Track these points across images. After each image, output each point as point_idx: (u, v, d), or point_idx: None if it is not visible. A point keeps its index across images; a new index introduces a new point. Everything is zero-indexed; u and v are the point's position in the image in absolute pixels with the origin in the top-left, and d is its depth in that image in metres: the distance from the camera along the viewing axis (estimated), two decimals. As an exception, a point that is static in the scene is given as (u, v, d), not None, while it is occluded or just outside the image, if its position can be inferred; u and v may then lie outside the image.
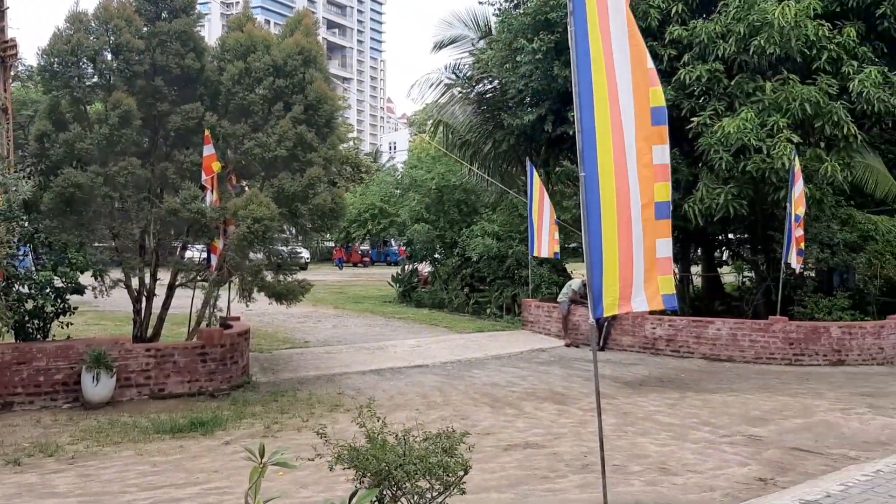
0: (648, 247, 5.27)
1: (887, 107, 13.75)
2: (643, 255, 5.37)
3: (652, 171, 5.27)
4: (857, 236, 14.73)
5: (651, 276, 5.31)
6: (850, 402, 10.09)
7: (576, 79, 5.40)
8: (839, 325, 13.45)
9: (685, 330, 14.31)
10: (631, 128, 5.37)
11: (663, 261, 5.33)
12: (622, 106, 5.40)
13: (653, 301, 5.32)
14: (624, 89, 5.41)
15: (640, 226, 5.38)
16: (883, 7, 14.19)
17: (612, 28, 5.44)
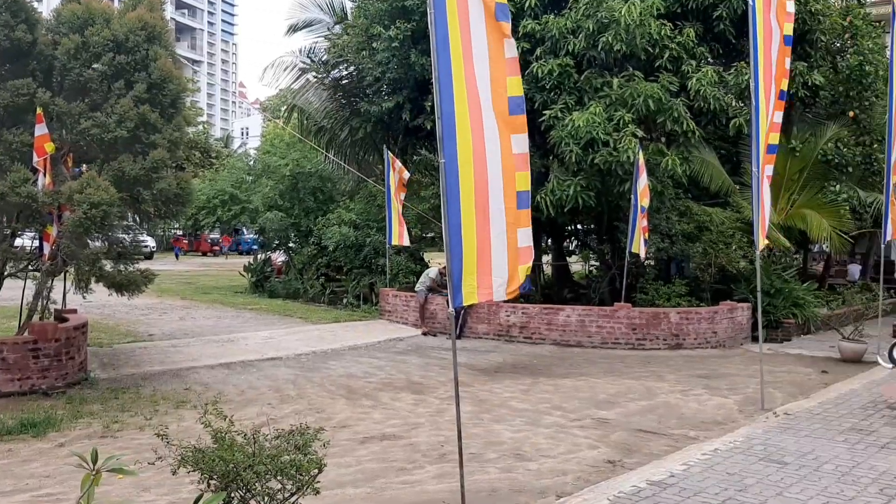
0: (510, 236, 5.27)
1: (721, 105, 14.62)
2: (504, 244, 5.37)
3: (513, 161, 5.26)
4: (694, 227, 15.60)
5: (513, 266, 5.32)
6: (688, 383, 10.67)
7: (435, 63, 5.30)
8: (677, 311, 14.22)
9: (537, 317, 14.68)
10: (490, 116, 5.34)
11: (524, 250, 5.36)
12: (481, 94, 5.36)
13: (512, 290, 5.33)
14: (482, 77, 5.37)
15: (501, 215, 5.37)
16: (719, 10, 15.07)
17: (471, 17, 5.39)
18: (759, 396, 9.27)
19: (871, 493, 5.72)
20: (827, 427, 7.73)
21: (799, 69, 15.24)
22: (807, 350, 13.71)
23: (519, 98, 5.30)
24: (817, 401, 9.09)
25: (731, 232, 15.44)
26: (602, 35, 14.13)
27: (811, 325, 15.70)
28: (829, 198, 16.87)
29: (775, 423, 7.95)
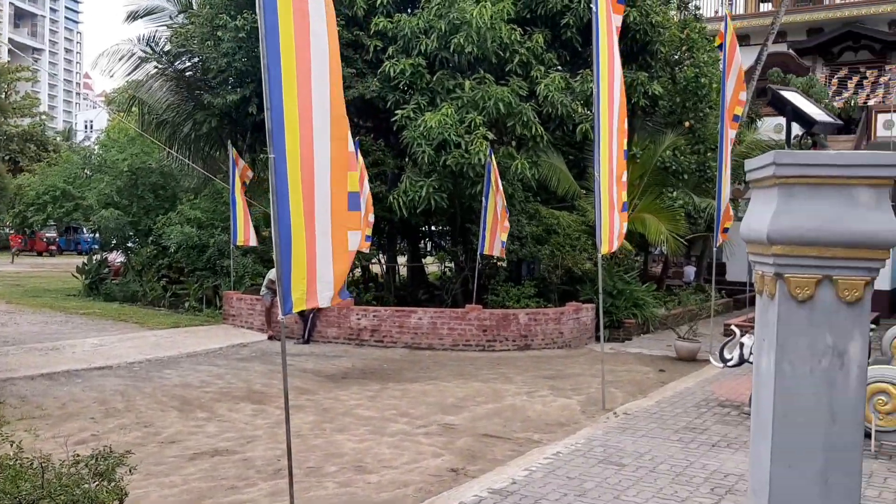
0: (340, 239, 4.97)
1: (568, 111, 14.94)
2: (331, 247, 5.06)
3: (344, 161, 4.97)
4: (543, 230, 15.89)
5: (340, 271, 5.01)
6: (534, 384, 10.74)
7: (264, 51, 4.93)
8: (526, 312, 14.40)
9: (389, 320, 14.44)
10: (323, 114, 5.01)
11: (351, 254, 5.07)
12: (315, 91, 5.03)
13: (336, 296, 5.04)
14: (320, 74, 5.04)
15: (327, 216, 5.06)
16: (566, 18, 15.41)
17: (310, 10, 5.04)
18: (601, 396, 9.43)
19: (703, 492, 5.84)
20: (663, 426, 7.92)
21: (640, 79, 15.83)
22: (646, 349, 14.24)
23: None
24: (655, 399, 9.36)
25: (578, 235, 15.84)
26: (454, 36, 14.09)
27: (650, 325, 16.36)
28: (667, 203, 17.68)
29: (615, 424, 8.07)
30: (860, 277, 2.55)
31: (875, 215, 2.54)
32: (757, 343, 2.77)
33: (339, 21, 15.31)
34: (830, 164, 2.54)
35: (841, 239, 2.54)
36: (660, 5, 16.57)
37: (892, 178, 2.51)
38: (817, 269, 2.58)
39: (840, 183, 2.55)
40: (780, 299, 2.63)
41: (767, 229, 2.59)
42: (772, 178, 2.64)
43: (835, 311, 2.57)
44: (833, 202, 2.56)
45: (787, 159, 2.58)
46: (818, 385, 2.55)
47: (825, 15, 28.71)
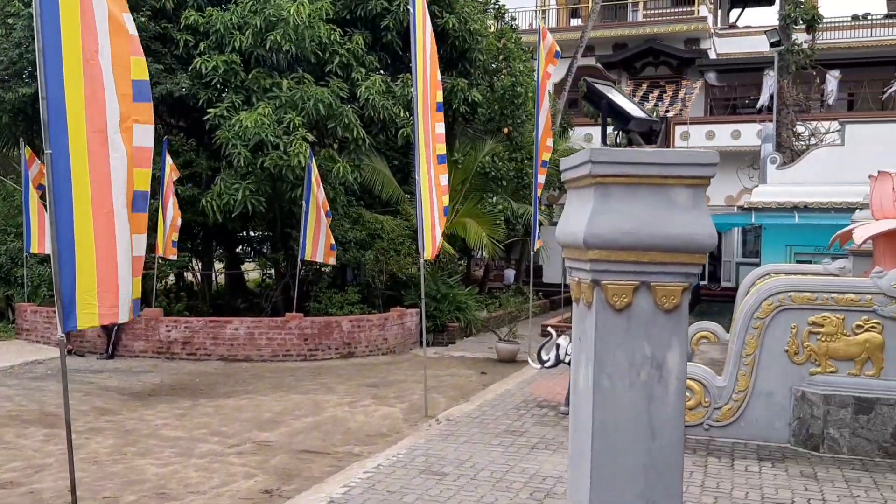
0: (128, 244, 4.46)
1: (390, 114, 14.82)
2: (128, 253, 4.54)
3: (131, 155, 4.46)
4: (367, 234, 15.67)
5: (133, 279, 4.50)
6: (357, 394, 10.47)
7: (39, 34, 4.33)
8: (349, 319, 14.10)
9: (203, 331, 13.63)
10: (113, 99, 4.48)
11: (137, 260, 4.57)
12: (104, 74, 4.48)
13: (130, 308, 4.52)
14: (104, 55, 4.50)
15: (125, 219, 4.53)
16: (387, 20, 15.29)
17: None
18: (424, 403, 9.31)
19: (523, 497, 5.81)
20: (484, 431, 7.90)
21: (460, 85, 16.01)
22: (469, 352, 14.37)
23: (144, 82, 4.52)
24: (476, 403, 9.37)
25: (402, 239, 15.75)
26: (270, 33, 13.55)
27: (473, 328, 16.56)
28: (487, 208, 18.02)
29: (437, 431, 7.96)
30: (678, 283, 2.46)
31: (692, 217, 2.44)
32: (574, 355, 2.64)
33: (146, 12, 14.35)
34: (648, 162, 2.42)
35: (658, 243, 2.43)
36: (478, 13, 16.86)
37: (709, 177, 2.45)
38: (635, 276, 2.46)
39: (657, 183, 2.43)
40: (598, 308, 2.49)
41: (584, 233, 2.45)
42: (588, 178, 2.49)
43: (653, 320, 2.46)
44: (650, 203, 2.43)
45: (604, 157, 2.44)
46: (637, 400, 2.44)
47: (629, 31, 30.59)
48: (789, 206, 16.01)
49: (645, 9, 31.62)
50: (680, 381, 2.48)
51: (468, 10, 16.07)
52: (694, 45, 30.30)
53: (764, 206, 16.34)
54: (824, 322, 7.04)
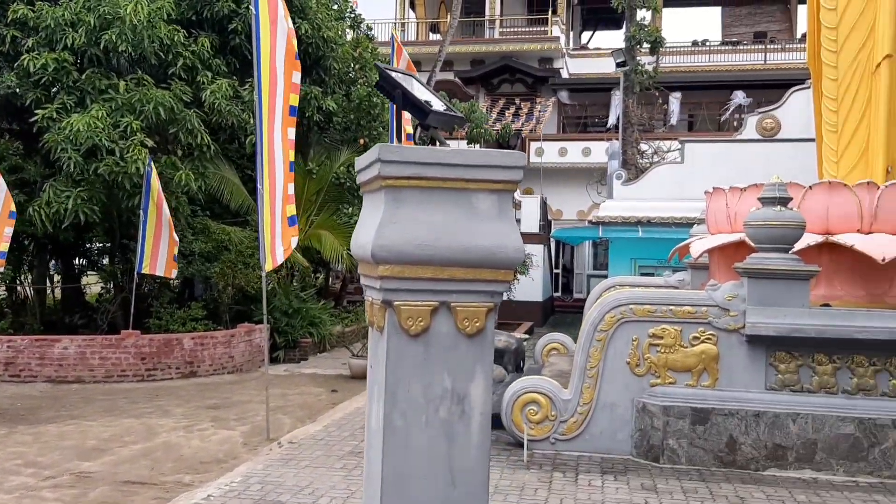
0: None
1: (239, 121, 14.19)
2: None
3: None
4: (213, 246, 14.91)
5: None
6: (196, 416, 9.82)
7: None
8: (192, 336, 13.32)
9: (28, 351, 12.46)
10: None
11: None
12: None
13: None
14: None
15: None
16: (234, 23, 14.67)
17: None
18: (266, 425, 8.83)
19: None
20: (329, 454, 7.54)
21: (314, 93, 15.59)
22: (321, 369, 13.92)
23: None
24: (323, 424, 8.97)
25: (251, 251, 15.08)
26: (105, 32, 12.64)
27: (327, 344, 16.11)
28: (343, 219, 17.64)
29: (278, 455, 7.52)
30: (482, 304, 2.18)
31: (497, 227, 2.17)
32: (368, 388, 2.35)
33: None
34: (446, 162, 2.13)
35: (459, 256, 2.13)
36: (333, 21, 16.52)
37: (516, 181, 2.21)
38: (432, 295, 2.16)
39: (458, 187, 2.15)
40: (390, 333, 2.17)
41: (372, 244, 2.13)
42: (378, 180, 2.18)
43: (454, 347, 2.16)
44: (450, 211, 2.15)
45: (394, 155, 2.14)
46: (435, 441, 2.12)
47: (486, 48, 31.14)
48: (634, 221, 16.62)
49: (501, 26, 32.32)
50: (485, 417, 2.21)
51: (322, 17, 15.70)
52: (547, 65, 31.22)
53: (611, 220, 16.88)
54: (664, 334, 7.18)
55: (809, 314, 6.87)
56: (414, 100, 2.45)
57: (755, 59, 32.11)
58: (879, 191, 7.61)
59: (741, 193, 8.52)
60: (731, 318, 7.05)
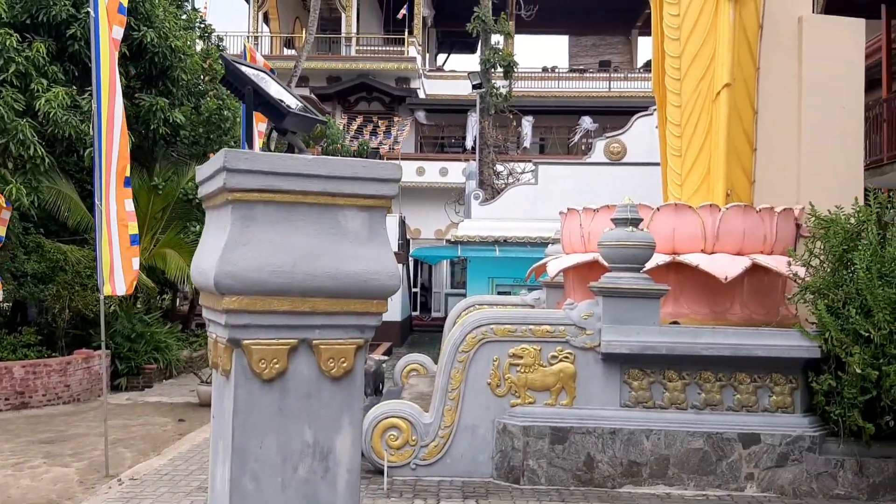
0: None
1: (78, 132, 13.23)
2: None
3: None
4: (48, 266, 13.78)
5: None
6: (26, 453, 8.94)
7: None
8: (23, 364, 12.19)
9: None
10: None
11: None
12: None
13: None
14: None
15: None
16: (73, 28, 13.70)
17: None
18: (105, 460, 8.14)
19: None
20: (174, 490, 7.02)
21: (160, 105, 14.80)
22: (167, 397, 13.11)
23: None
24: (168, 457, 8.38)
25: (90, 272, 14.04)
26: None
27: (174, 369, 15.24)
28: (191, 238, 16.82)
29: (118, 494, 6.92)
30: (351, 340, 1.85)
31: (369, 250, 1.86)
32: (212, 444, 2.00)
33: None
34: (307, 173, 1.81)
35: (323, 285, 1.80)
36: (181, 30, 15.79)
37: (390, 196, 1.96)
38: (290, 331, 1.80)
39: (322, 202, 1.83)
40: (239, 378, 1.79)
41: (215, 270, 1.78)
42: (223, 193, 1.85)
43: (316, 393, 1.81)
44: (312, 231, 1.81)
45: (243, 163, 1.81)
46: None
47: (343, 65, 30.90)
48: (491, 240, 16.85)
49: (358, 44, 32.20)
50: (353, 475, 1.89)
51: (169, 26, 14.95)
52: (405, 84, 31.38)
53: (468, 239, 17.04)
54: (523, 353, 7.20)
55: (660, 332, 7.10)
56: (269, 98, 2.17)
57: (601, 86, 33.67)
58: (721, 213, 8.01)
59: (594, 214, 8.74)
60: (587, 336, 7.16)
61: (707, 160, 8.86)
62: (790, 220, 8.45)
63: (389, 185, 1.98)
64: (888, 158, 13.67)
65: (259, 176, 1.85)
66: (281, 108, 2.17)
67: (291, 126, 2.20)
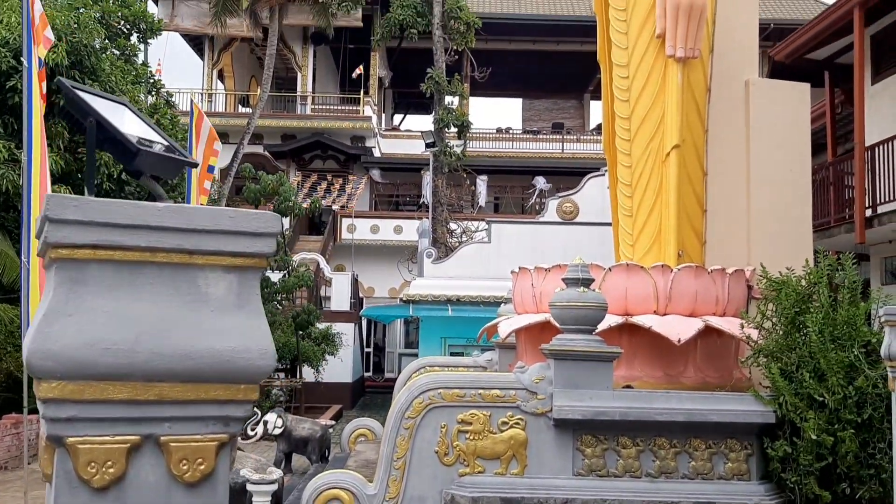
0: None
1: (16, 187, 12.81)
2: None
3: None
4: (-22, 326, 13.18)
5: None
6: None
7: None
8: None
9: None
10: None
11: None
12: None
13: None
14: None
15: None
16: (14, 80, 13.39)
17: None
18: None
19: None
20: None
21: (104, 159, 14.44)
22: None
23: None
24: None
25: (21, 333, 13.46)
26: None
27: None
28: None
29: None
30: (211, 436, 1.45)
31: (236, 321, 1.49)
32: None
33: None
34: (157, 225, 1.48)
35: (174, 366, 1.42)
36: (128, 85, 15.55)
37: (264, 254, 1.61)
38: (130, 425, 1.38)
39: (177, 261, 1.47)
40: (61, 487, 1.37)
41: (29, 348, 1.46)
42: (46, 249, 1.50)
43: (164, 503, 1.43)
44: (161, 296, 1.45)
45: (71, 212, 1.45)
46: None
47: (297, 123, 30.87)
48: (443, 300, 16.61)
49: (314, 103, 32.26)
50: None
51: (116, 80, 14.69)
52: (360, 143, 31.43)
53: (421, 298, 16.78)
54: (472, 419, 6.90)
55: (613, 396, 6.88)
56: (115, 133, 1.85)
57: (554, 147, 34.15)
58: (673, 274, 7.90)
59: (546, 274, 8.57)
60: (538, 401, 6.90)
61: (658, 220, 8.80)
62: (741, 281, 8.38)
63: (265, 241, 1.60)
64: (835, 221, 13.88)
65: (92, 228, 1.48)
66: (129, 145, 1.85)
67: (148, 168, 1.89)
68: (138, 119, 2.01)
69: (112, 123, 1.83)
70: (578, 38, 31.06)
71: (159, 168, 1.92)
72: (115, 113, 1.92)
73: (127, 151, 1.80)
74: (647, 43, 8.97)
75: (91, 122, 1.79)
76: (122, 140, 1.79)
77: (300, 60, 31.60)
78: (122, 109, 1.99)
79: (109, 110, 1.90)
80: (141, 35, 17.22)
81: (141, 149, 1.79)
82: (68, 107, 1.87)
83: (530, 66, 35.51)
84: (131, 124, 1.94)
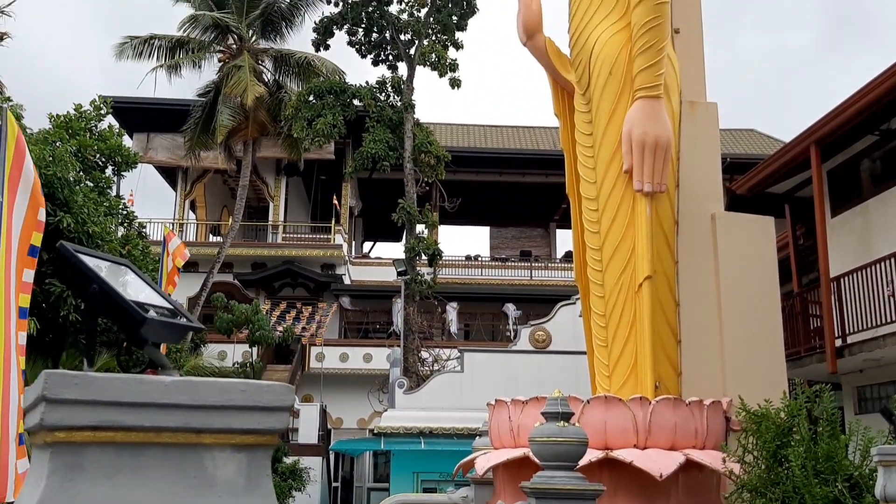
0: None
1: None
2: None
3: None
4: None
5: None
6: None
7: None
8: None
9: None
10: None
11: None
12: None
13: None
14: None
15: None
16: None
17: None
18: None
19: None
20: None
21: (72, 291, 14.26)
22: None
23: None
24: None
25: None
26: None
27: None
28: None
29: None
30: None
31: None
32: None
33: None
34: (161, 402, 1.35)
35: None
36: (100, 216, 15.54)
37: (277, 431, 1.49)
38: None
39: (182, 441, 1.34)
40: None
41: None
42: (41, 432, 1.37)
43: None
44: (165, 482, 1.32)
45: (72, 391, 1.33)
46: None
47: (268, 252, 30.98)
48: (416, 432, 16.23)
49: (285, 232, 32.51)
50: None
51: (88, 212, 14.68)
52: (330, 270, 31.51)
53: (392, 430, 16.38)
54: (451, 564, 6.59)
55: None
56: (123, 303, 1.76)
57: (522, 274, 34.51)
58: (651, 406, 7.84)
59: (523, 406, 8.46)
60: (520, 543, 6.63)
61: (633, 351, 8.81)
62: (719, 412, 8.33)
63: (277, 416, 1.49)
64: (806, 351, 13.99)
65: (94, 408, 1.37)
66: (136, 313, 1.75)
67: (152, 336, 1.79)
68: (142, 282, 1.95)
69: (117, 291, 1.75)
70: (543, 170, 32.10)
71: (164, 335, 1.84)
72: (118, 277, 1.86)
73: (132, 321, 1.72)
74: (616, 177, 9.25)
75: (95, 290, 1.72)
76: (128, 308, 1.72)
77: (273, 191, 32.08)
78: (125, 272, 1.94)
79: (112, 274, 1.84)
80: (116, 168, 17.38)
81: (147, 317, 1.71)
82: (69, 273, 1.80)
83: (498, 197, 36.41)
84: (135, 289, 1.88)
